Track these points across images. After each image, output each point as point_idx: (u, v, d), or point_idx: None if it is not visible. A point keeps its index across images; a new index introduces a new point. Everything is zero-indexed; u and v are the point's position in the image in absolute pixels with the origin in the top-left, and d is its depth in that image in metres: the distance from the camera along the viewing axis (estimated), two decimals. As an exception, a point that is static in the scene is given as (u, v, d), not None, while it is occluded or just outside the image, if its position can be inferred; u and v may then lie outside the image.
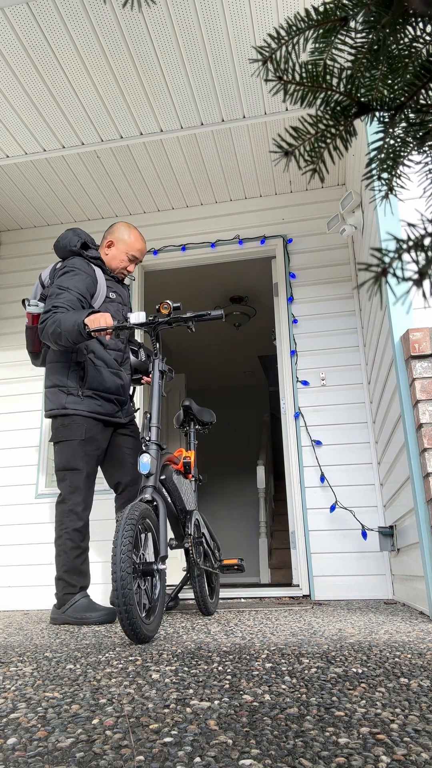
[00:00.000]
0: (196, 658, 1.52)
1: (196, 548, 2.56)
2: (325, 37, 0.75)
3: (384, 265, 0.60)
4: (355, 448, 3.80)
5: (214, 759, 0.79)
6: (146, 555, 1.95)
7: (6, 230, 4.91)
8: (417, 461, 2.34)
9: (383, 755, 0.79)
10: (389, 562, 3.52)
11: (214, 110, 3.49)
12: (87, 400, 2.72)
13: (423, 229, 0.62)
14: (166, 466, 2.43)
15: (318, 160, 0.77)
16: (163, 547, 2.00)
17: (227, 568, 2.90)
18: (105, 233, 3.04)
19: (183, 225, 4.62)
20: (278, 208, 4.49)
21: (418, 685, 1.17)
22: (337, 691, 1.14)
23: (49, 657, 1.64)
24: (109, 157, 4.14)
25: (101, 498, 4.10)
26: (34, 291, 3.00)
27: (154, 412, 2.24)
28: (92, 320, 2.49)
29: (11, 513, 4.13)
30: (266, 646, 1.69)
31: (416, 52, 0.75)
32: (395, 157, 0.79)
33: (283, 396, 4.06)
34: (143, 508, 1.89)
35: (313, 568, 3.63)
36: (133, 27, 2.96)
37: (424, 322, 2.60)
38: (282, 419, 3.98)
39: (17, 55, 3.08)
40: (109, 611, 2.52)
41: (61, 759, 0.81)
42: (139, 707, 1.05)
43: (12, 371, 4.50)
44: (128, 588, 1.66)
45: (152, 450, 2.18)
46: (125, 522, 1.75)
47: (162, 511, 2.05)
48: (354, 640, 1.77)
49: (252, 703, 1.06)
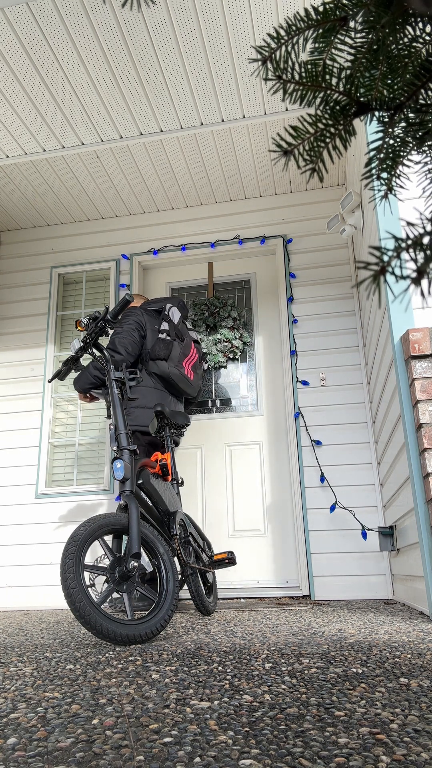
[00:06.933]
0: (196, 658, 1.52)
1: (185, 548, 2.54)
2: (325, 37, 0.75)
3: (383, 264, 0.60)
4: (355, 448, 3.80)
5: (214, 759, 0.79)
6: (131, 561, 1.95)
7: (6, 230, 4.91)
8: (417, 461, 2.34)
9: (383, 755, 0.79)
10: (389, 562, 3.52)
11: (213, 110, 3.49)
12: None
13: (422, 228, 0.62)
14: (142, 470, 2.42)
15: (317, 160, 0.77)
16: (135, 545, 1.99)
17: (218, 563, 2.90)
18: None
19: (183, 225, 4.62)
20: (278, 208, 4.49)
21: (418, 685, 1.17)
22: (336, 691, 1.14)
23: (49, 657, 1.64)
24: (109, 157, 4.14)
25: (101, 498, 4.10)
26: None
27: (120, 420, 2.29)
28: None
29: (11, 513, 4.13)
30: (266, 646, 1.69)
31: (416, 51, 0.75)
32: (395, 157, 0.79)
33: (283, 396, 4.06)
34: (92, 527, 1.93)
35: (313, 568, 3.63)
36: (133, 27, 2.97)
37: (423, 322, 2.61)
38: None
39: (17, 55, 3.08)
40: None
41: (61, 759, 0.81)
42: (139, 707, 1.05)
43: (12, 371, 4.50)
44: (74, 589, 1.76)
45: (125, 456, 2.21)
46: (68, 542, 1.87)
47: (134, 513, 2.05)
48: (354, 640, 1.77)
49: (252, 703, 1.06)
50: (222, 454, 4.07)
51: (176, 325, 3.28)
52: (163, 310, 3.32)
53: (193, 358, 3.35)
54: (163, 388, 3.17)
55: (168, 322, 3.24)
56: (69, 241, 4.78)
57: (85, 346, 2.48)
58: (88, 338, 2.47)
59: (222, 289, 4.53)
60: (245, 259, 4.56)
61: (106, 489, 4.06)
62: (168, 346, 3.15)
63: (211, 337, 4.29)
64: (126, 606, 1.92)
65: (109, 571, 1.95)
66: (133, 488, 2.15)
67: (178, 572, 2.18)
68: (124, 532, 2.03)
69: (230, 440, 4.09)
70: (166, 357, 3.13)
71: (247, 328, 4.36)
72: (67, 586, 1.75)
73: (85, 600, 1.74)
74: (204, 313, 4.38)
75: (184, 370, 3.21)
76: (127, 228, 4.72)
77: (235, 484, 3.99)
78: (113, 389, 2.35)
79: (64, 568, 1.78)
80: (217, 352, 4.25)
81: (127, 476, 2.15)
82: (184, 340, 3.30)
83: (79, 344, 2.50)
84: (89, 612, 1.73)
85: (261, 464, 4.00)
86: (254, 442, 4.06)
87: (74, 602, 1.73)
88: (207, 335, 4.33)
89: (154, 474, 2.54)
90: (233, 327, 4.31)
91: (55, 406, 4.38)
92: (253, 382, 4.23)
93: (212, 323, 4.33)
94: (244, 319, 4.37)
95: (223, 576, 3.78)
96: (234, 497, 3.97)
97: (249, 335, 4.31)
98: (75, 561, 1.80)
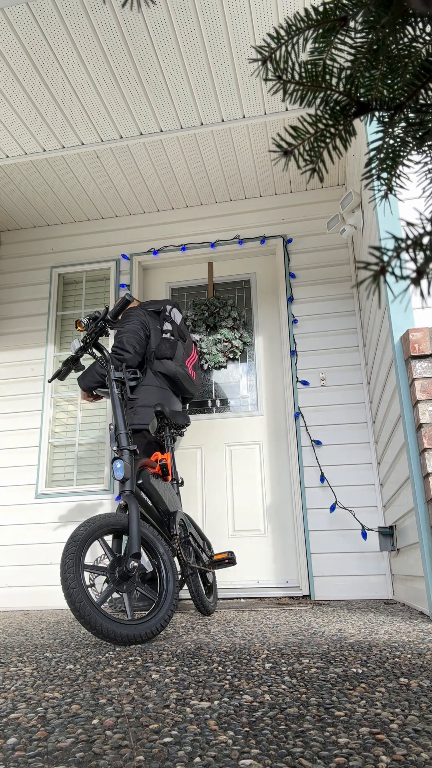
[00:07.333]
0: (196, 658, 1.52)
1: (185, 548, 2.54)
2: (325, 37, 0.75)
3: (383, 264, 0.60)
4: (355, 448, 3.80)
5: (214, 759, 0.79)
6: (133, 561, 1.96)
7: (6, 230, 4.91)
8: (417, 461, 2.34)
9: (383, 755, 0.79)
10: (389, 562, 3.52)
11: (213, 110, 3.49)
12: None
13: (422, 228, 0.62)
14: (142, 470, 2.42)
15: (317, 160, 0.77)
16: (135, 545, 1.99)
17: (218, 563, 2.90)
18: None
19: (183, 225, 4.62)
20: (278, 208, 4.49)
21: (418, 685, 1.17)
22: (336, 691, 1.14)
23: (49, 657, 1.64)
24: (109, 157, 4.14)
25: (101, 498, 4.10)
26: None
27: (120, 420, 2.29)
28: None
29: (11, 513, 4.13)
30: (266, 646, 1.69)
31: (416, 51, 0.75)
32: (395, 157, 0.79)
33: (283, 396, 4.06)
34: (92, 527, 1.93)
35: (313, 568, 3.63)
36: (133, 27, 2.97)
37: (423, 322, 2.61)
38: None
39: (17, 55, 3.08)
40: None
41: (61, 759, 0.81)
42: (139, 707, 1.05)
43: (12, 371, 4.50)
44: (74, 589, 1.77)
45: (125, 456, 2.21)
46: (68, 542, 1.88)
47: (134, 513, 2.05)
48: (354, 640, 1.77)
49: (252, 703, 1.06)
50: (222, 454, 4.07)
51: (179, 325, 3.32)
52: (163, 311, 3.35)
53: (193, 358, 3.40)
54: (167, 388, 3.20)
55: (170, 323, 3.28)
56: (69, 241, 4.78)
57: (85, 346, 2.48)
58: (88, 338, 2.47)
59: (222, 289, 4.53)
60: (245, 259, 4.56)
61: (106, 489, 4.06)
62: (173, 345, 3.20)
63: (211, 337, 4.29)
64: (126, 606, 1.92)
65: (109, 571, 1.95)
66: (133, 488, 2.15)
67: (178, 572, 2.18)
68: (124, 532, 2.03)
69: (230, 440, 4.09)
70: (172, 356, 3.18)
71: (247, 328, 4.36)
72: (67, 586, 1.75)
73: (85, 600, 1.74)
74: (204, 313, 4.38)
75: (187, 370, 3.26)
76: (127, 228, 4.72)
77: (235, 484, 3.99)
78: (113, 389, 2.36)
79: (64, 568, 1.78)
80: (217, 352, 4.25)
81: (127, 476, 2.15)
82: (186, 341, 3.35)
83: (79, 344, 2.50)
84: (89, 612, 1.73)
85: (261, 464, 4.00)
86: (254, 442, 4.06)
87: (74, 602, 1.73)
88: (207, 335, 4.33)
89: (154, 474, 2.54)
90: (233, 327, 4.31)
91: (55, 406, 4.38)
92: (253, 382, 4.23)
93: (212, 323, 4.33)
94: (244, 319, 4.37)
95: (223, 576, 3.78)
96: (234, 497, 3.97)
97: (249, 335, 4.31)
98: (75, 561, 1.80)
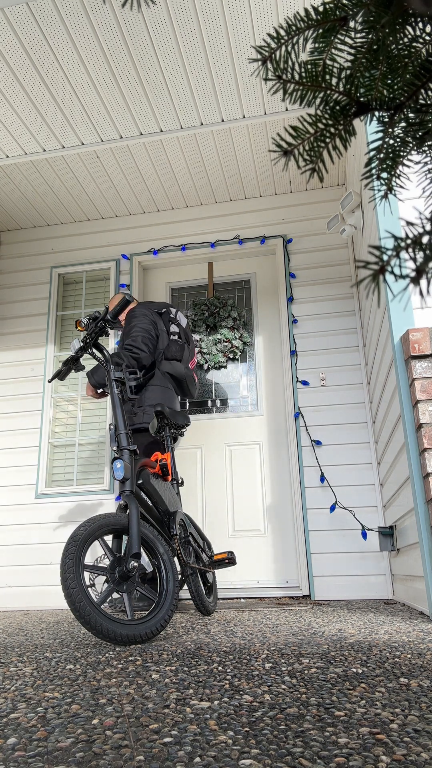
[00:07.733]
0: (196, 658, 1.52)
1: (185, 548, 2.54)
2: (325, 37, 0.75)
3: (382, 263, 0.60)
4: (355, 448, 3.80)
5: (214, 759, 0.79)
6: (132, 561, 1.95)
7: (6, 230, 4.91)
8: (417, 461, 2.34)
9: (383, 755, 0.79)
10: (389, 562, 3.52)
11: (213, 110, 3.49)
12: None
13: (421, 228, 0.62)
14: (142, 470, 2.42)
15: (317, 160, 0.77)
16: (135, 545, 1.99)
17: (218, 563, 2.90)
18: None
19: (183, 225, 4.62)
20: (278, 208, 4.49)
21: (418, 685, 1.17)
22: (336, 691, 1.14)
23: (49, 657, 1.64)
24: (109, 157, 4.14)
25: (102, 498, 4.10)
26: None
27: (119, 420, 2.29)
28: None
29: (11, 513, 4.13)
30: (266, 646, 1.69)
31: (416, 51, 0.75)
32: (395, 157, 0.79)
33: (283, 396, 4.06)
34: (92, 527, 1.93)
35: (313, 568, 3.63)
36: (132, 27, 2.96)
37: (423, 321, 2.61)
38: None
39: (17, 55, 3.08)
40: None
41: (61, 759, 0.81)
42: (139, 707, 1.05)
43: (12, 371, 4.50)
44: (74, 589, 1.77)
45: (125, 456, 2.21)
46: (68, 542, 1.87)
47: (134, 513, 2.05)
48: (354, 640, 1.77)
49: (252, 703, 1.06)
50: (222, 454, 4.07)
51: (185, 328, 3.38)
52: (167, 313, 3.39)
53: (194, 361, 3.46)
54: (172, 388, 3.22)
55: (177, 326, 3.33)
56: (69, 241, 4.78)
57: (85, 346, 2.48)
58: (88, 338, 2.47)
59: (222, 289, 4.53)
60: (245, 259, 4.56)
61: (106, 489, 4.06)
62: (181, 348, 3.27)
63: (211, 337, 4.29)
64: (126, 606, 1.92)
65: (109, 571, 1.95)
66: (133, 488, 2.15)
67: (178, 572, 2.18)
68: (124, 532, 2.03)
69: (230, 440, 4.09)
70: (181, 358, 3.26)
71: (247, 328, 4.36)
72: (67, 586, 1.75)
73: (85, 600, 1.74)
74: (204, 313, 4.38)
75: (192, 372, 3.34)
76: (127, 228, 4.72)
77: (235, 484, 3.99)
78: (113, 389, 2.35)
79: (64, 568, 1.78)
80: (217, 352, 4.25)
81: (127, 476, 2.15)
82: (190, 345, 3.40)
83: (79, 344, 2.50)
84: (89, 612, 1.73)
85: (261, 464, 4.00)
86: (254, 442, 4.06)
87: (74, 602, 1.73)
88: (207, 335, 4.33)
89: (154, 474, 2.54)
90: (233, 327, 4.31)
91: (55, 406, 4.38)
92: (253, 382, 4.23)
93: (212, 323, 4.33)
94: (244, 319, 4.37)
95: (223, 576, 3.78)
96: (234, 497, 3.97)
97: (249, 335, 4.31)
98: (75, 561, 1.80)
